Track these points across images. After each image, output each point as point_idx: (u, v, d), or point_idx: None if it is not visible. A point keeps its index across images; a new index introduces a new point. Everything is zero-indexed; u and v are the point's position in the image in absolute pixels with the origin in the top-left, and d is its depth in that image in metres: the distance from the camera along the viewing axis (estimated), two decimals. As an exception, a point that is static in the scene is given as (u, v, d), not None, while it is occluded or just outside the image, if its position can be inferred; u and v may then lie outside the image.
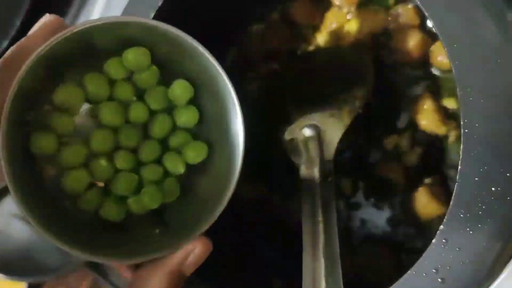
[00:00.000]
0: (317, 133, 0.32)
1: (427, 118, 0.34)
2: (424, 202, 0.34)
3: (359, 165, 0.37)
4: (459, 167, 0.23)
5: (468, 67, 0.23)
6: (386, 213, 0.36)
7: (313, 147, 0.32)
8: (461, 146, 0.23)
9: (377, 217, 0.36)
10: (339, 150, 0.32)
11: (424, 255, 0.24)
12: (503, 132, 0.23)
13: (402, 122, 0.35)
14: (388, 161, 0.36)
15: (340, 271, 0.26)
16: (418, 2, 0.24)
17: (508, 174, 0.23)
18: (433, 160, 0.34)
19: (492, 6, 0.24)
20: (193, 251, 0.24)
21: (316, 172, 0.31)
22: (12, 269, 0.52)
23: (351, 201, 0.37)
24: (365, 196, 0.37)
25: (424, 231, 0.34)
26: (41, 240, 0.61)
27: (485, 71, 0.23)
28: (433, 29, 0.25)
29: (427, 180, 0.34)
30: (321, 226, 0.28)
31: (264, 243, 0.38)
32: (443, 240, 0.23)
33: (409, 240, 0.35)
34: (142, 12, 0.30)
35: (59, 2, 0.53)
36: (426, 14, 0.24)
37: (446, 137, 0.34)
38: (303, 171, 0.32)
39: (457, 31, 0.24)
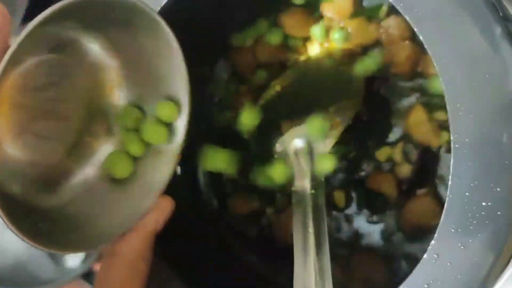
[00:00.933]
0: (308, 144, 0.32)
1: (420, 130, 0.34)
2: (417, 214, 0.34)
3: (352, 177, 0.37)
4: (450, 182, 0.23)
5: (457, 82, 0.23)
6: (379, 225, 0.36)
7: (303, 158, 0.32)
8: (451, 161, 0.23)
9: (370, 229, 0.36)
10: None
11: (415, 270, 0.24)
12: (493, 147, 0.23)
13: (394, 134, 0.35)
14: (381, 173, 0.36)
15: (330, 282, 0.26)
16: (407, 18, 0.24)
17: (498, 189, 0.23)
18: (426, 171, 0.34)
19: (480, 20, 0.24)
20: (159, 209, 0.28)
21: (307, 184, 0.31)
22: (6, 281, 0.52)
23: (344, 213, 0.37)
24: (358, 208, 0.37)
25: (418, 243, 0.34)
26: (36, 252, 0.61)
27: (474, 86, 0.23)
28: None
29: (420, 192, 0.34)
30: (312, 238, 0.28)
31: (256, 258, 0.38)
32: (435, 255, 0.23)
33: (402, 252, 0.35)
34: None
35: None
36: (415, 29, 0.24)
37: (439, 148, 0.34)
38: (294, 182, 0.32)
39: (445, 46, 0.24)
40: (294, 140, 0.33)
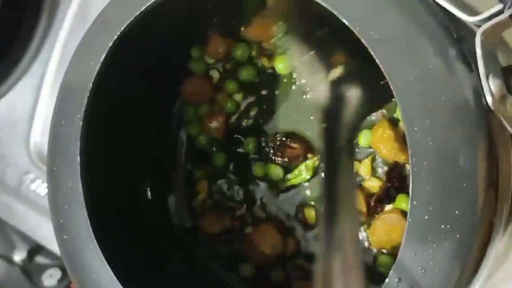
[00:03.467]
0: None
1: (386, 146, 0.34)
2: (386, 230, 0.34)
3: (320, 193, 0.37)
4: (409, 205, 0.23)
5: (414, 105, 0.23)
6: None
7: None
8: (410, 185, 0.23)
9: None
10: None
11: (378, 295, 0.24)
12: (450, 170, 0.23)
13: (361, 150, 0.35)
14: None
15: None
16: (363, 41, 0.24)
17: (456, 212, 0.23)
18: (394, 187, 0.34)
19: (435, 42, 0.24)
20: None
21: None
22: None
23: (314, 231, 0.37)
24: (328, 225, 0.37)
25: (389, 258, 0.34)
26: (13, 271, 0.60)
27: (430, 108, 0.23)
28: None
29: (388, 208, 0.34)
30: None
31: (228, 275, 0.38)
32: (396, 280, 0.23)
33: (371, 268, 0.35)
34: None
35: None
36: (371, 52, 0.24)
37: (406, 164, 0.34)
38: None
39: (401, 70, 0.24)
40: None
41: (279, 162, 0.38)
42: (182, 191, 0.40)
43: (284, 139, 0.37)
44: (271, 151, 0.38)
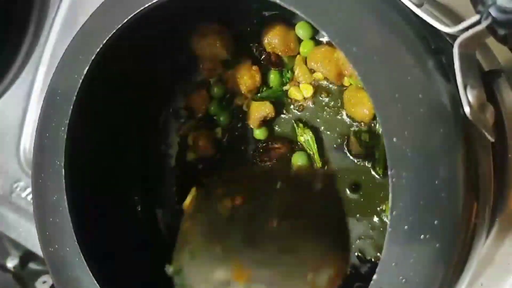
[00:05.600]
0: None
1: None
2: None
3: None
4: (389, 216, 0.23)
5: (393, 117, 0.24)
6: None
7: None
8: (390, 195, 0.23)
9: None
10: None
11: (360, 304, 0.24)
12: (429, 181, 0.23)
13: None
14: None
15: None
16: (343, 53, 0.24)
17: (435, 222, 0.23)
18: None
19: (414, 54, 0.24)
20: None
21: None
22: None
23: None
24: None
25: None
26: (6, 279, 0.61)
27: (409, 120, 0.23)
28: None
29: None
30: None
31: None
32: (378, 290, 0.24)
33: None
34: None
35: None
36: (350, 64, 0.24)
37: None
38: None
39: (381, 82, 0.24)
40: None
41: (270, 164, 0.38)
42: (170, 204, 0.40)
43: (265, 144, 0.38)
44: (258, 159, 0.39)
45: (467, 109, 0.24)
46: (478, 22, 0.23)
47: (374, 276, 0.24)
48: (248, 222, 0.32)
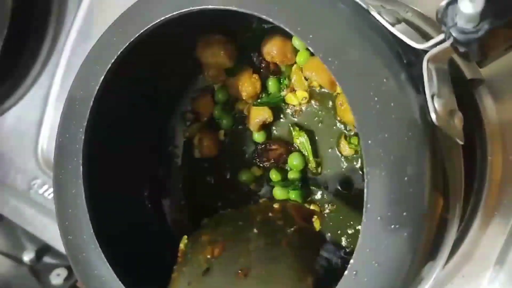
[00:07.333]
0: None
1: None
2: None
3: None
4: (364, 208, 0.27)
5: (368, 121, 0.27)
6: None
7: None
8: (365, 191, 0.27)
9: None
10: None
11: (338, 285, 0.27)
12: (399, 177, 0.26)
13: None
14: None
15: None
16: (326, 66, 0.28)
17: (404, 214, 0.26)
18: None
19: (389, 66, 0.27)
20: None
21: None
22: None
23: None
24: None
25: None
26: (21, 270, 0.64)
27: (381, 124, 0.27)
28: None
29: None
30: None
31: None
32: (354, 272, 0.27)
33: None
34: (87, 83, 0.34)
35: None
36: (332, 75, 0.28)
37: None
38: None
39: (359, 90, 0.27)
40: None
41: (268, 165, 0.42)
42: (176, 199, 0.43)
43: (263, 146, 0.41)
44: (257, 159, 0.42)
45: (433, 116, 0.27)
46: (443, 40, 0.27)
47: (351, 261, 0.27)
48: (219, 276, 0.34)
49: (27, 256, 0.64)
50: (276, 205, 0.38)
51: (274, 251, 0.34)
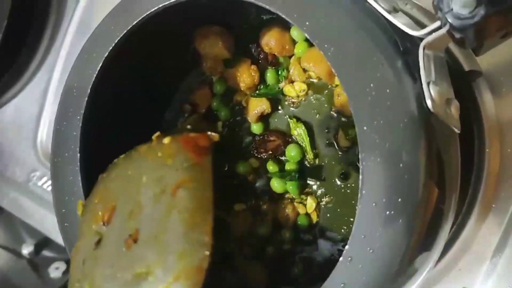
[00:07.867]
0: None
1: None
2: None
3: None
4: (359, 194, 0.27)
5: (363, 108, 0.27)
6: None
7: None
8: (360, 177, 0.27)
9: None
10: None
11: (333, 271, 0.27)
12: (394, 164, 0.26)
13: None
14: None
15: None
16: (323, 53, 0.28)
17: (399, 200, 0.26)
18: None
19: (385, 54, 0.27)
20: None
21: None
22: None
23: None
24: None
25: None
26: (20, 263, 0.64)
27: (377, 112, 0.27)
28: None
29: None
30: None
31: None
32: (348, 259, 0.27)
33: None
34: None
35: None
36: (329, 62, 0.28)
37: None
38: None
39: (355, 77, 0.27)
40: None
41: (265, 156, 0.42)
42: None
43: (261, 137, 0.41)
44: (255, 150, 0.42)
45: (429, 102, 0.27)
46: (439, 27, 0.27)
47: (346, 247, 0.27)
48: (110, 246, 0.29)
49: (26, 250, 0.65)
50: (166, 140, 0.32)
51: (162, 203, 0.29)
